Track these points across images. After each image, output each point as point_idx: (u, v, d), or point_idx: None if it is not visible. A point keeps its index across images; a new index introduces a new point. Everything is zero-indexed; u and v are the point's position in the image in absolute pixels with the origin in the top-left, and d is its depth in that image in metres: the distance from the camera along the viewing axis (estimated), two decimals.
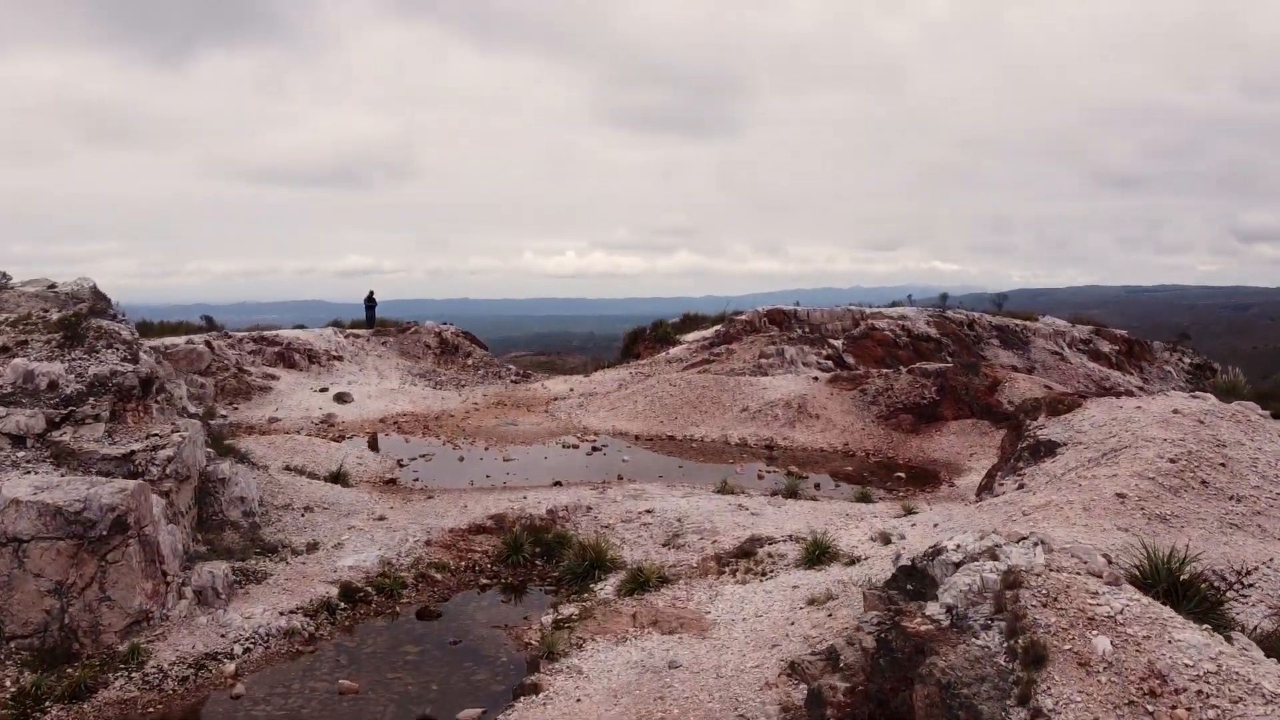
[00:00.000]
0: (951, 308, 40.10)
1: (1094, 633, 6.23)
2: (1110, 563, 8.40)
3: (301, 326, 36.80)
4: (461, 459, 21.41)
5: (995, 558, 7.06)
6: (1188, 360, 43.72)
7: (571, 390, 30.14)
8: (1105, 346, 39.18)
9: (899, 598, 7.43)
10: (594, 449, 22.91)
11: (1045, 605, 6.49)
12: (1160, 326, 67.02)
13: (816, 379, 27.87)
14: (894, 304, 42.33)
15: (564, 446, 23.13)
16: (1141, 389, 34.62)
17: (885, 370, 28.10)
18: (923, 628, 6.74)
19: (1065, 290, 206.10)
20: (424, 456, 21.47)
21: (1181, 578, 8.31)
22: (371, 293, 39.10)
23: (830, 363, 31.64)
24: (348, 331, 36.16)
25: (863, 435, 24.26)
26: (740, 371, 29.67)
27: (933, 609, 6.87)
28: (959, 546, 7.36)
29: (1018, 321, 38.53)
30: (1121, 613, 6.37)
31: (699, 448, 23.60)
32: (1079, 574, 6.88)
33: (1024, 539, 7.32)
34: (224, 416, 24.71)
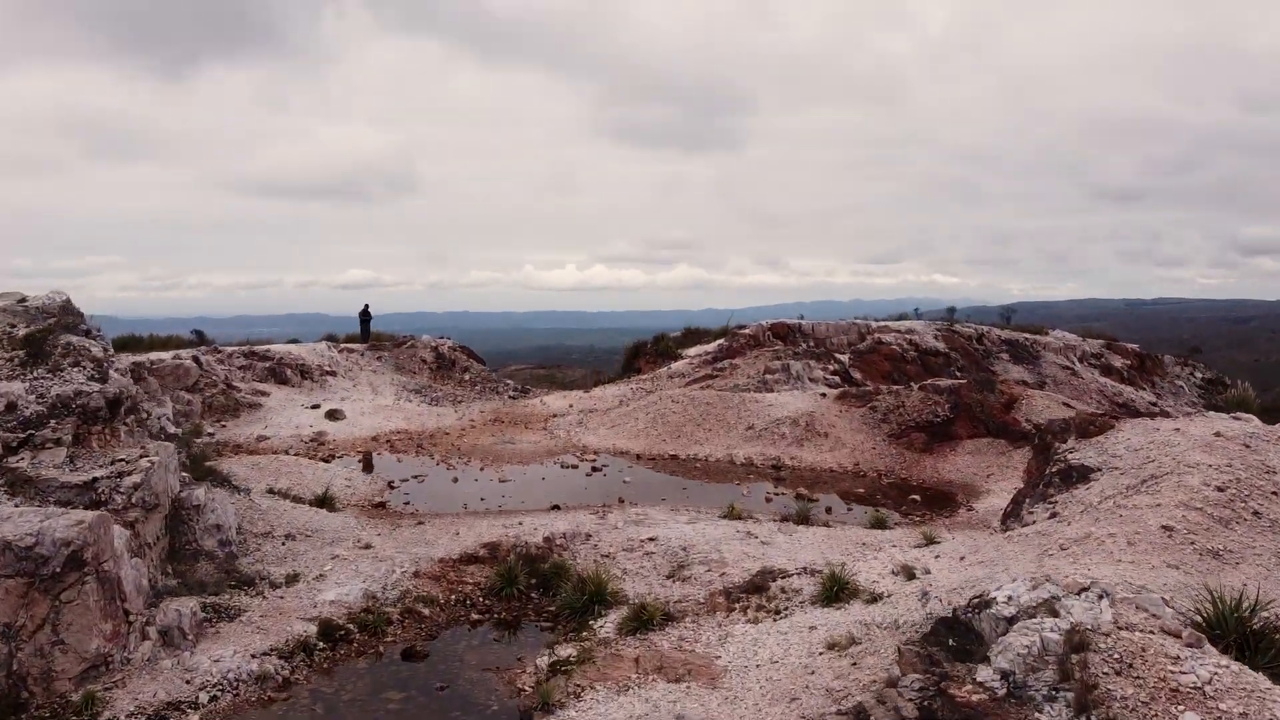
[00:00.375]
0: (960, 321, 39.21)
1: (1180, 708, 5.32)
2: (1168, 605, 7.50)
3: (295, 340, 35.97)
4: (455, 480, 20.49)
5: (1054, 613, 6.15)
6: (1199, 375, 42.83)
7: (571, 407, 29.21)
8: (1117, 361, 38.30)
9: (941, 656, 6.51)
10: (594, 469, 21.98)
11: (1119, 673, 5.58)
12: (1161, 340, 66.25)
13: (824, 395, 26.94)
14: (901, 317, 41.42)
15: (563, 466, 22.20)
16: (1155, 405, 33.71)
17: (895, 386, 27.18)
18: (974, 697, 5.83)
19: (1066, 303, 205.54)
20: (416, 477, 20.54)
21: (1253, 626, 7.41)
22: (366, 306, 38.43)
23: (837, 378, 30.73)
24: (342, 346, 35.30)
25: (873, 454, 23.32)
26: (745, 387, 28.75)
27: (985, 674, 5.96)
28: (1010, 598, 6.44)
29: (1027, 335, 37.61)
30: (1210, 683, 5.46)
31: (703, 467, 22.67)
32: (1153, 633, 5.97)
33: (1085, 589, 6.41)
34: (210, 435, 23.82)
